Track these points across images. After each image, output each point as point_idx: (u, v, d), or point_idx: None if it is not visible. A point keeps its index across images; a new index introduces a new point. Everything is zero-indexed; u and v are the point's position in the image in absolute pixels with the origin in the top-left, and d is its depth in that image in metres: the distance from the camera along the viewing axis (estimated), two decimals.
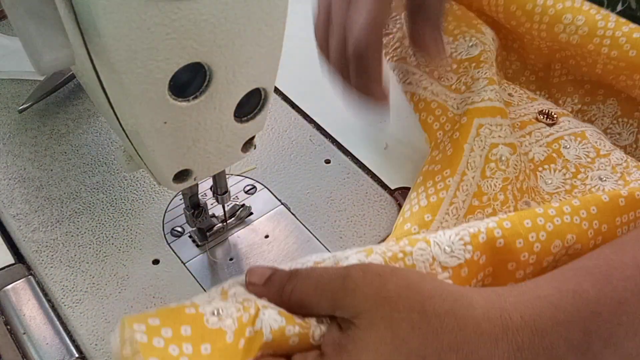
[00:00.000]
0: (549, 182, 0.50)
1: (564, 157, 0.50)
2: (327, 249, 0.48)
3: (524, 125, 0.53)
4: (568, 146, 0.51)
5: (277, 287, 0.35)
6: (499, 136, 0.48)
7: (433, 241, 0.38)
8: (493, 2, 0.56)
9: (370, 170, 0.53)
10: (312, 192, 0.52)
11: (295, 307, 0.34)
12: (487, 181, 0.47)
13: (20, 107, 0.56)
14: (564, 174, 0.50)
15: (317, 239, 0.48)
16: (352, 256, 0.37)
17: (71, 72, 0.58)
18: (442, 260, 0.37)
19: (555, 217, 0.40)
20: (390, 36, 0.58)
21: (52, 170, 0.53)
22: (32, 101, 0.57)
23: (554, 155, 0.50)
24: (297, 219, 0.50)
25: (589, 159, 0.50)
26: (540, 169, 0.50)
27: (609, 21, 0.51)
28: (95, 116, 0.57)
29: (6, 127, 0.56)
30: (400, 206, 0.51)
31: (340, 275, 0.34)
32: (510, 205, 0.46)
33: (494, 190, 0.47)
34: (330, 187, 0.52)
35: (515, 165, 0.48)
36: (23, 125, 0.56)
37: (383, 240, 0.48)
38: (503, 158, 0.48)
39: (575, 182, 0.49)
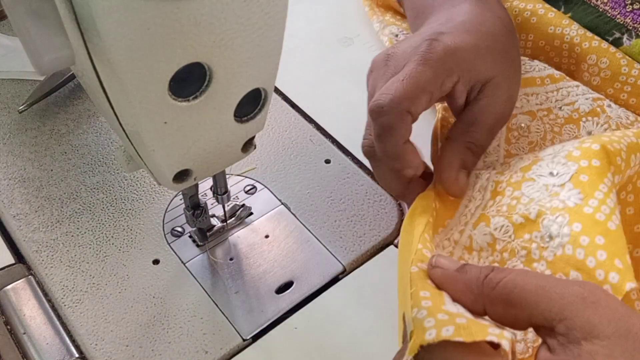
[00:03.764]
0: (591, 132, 0.50)
1: (607, 113, 0.51)
2: (327, 249, 0.48)
3: (573, 77, 0.54)
4: (611, 105, 0.51)
5: (476, 276, 0.31)
6: (516, 107, 0.50)
7: (535, 176, 0.38)
8: (523, 37, 0.57)
9: (370, 170, 0.53)
10: (312, 192, 0.52)
11: (497, 301, 0.30)
12: (513, 145, 0.49)
13: (20, 107, 0.56)
14: (605, 129, 0.50)
15: (317, 239, 0.48)
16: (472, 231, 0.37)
17: (71, 72, 0.58)
18: (554, 182, 0.37)
19: (623, 137, 0.40)
20: None
21: (52, 170, 0.53)
22: (32, 101, 0.57)
23: (598, 109, 0.51)
24: (297, 219, 0.50)
25: (628, 121, 0.51)
26: (584, 119, 0.51)
27: (633, 68, 0.52)
28: (95, 116, 0.57)
29: (6, 127, 0.56)
30: (400, 206, 0.51)
31: (577, 284, 0.29)
32: None
33: (523, 151, 0.49)
34: (330, 187, 0.52)
35: (537, 129, 0.50)
36: (23, 125, 0.56)
37: (385, 240, 0.49)
38: (523, 125, 0.50)
39: None
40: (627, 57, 0.52)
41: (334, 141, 0.56)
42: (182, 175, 0.38)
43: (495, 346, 0.29)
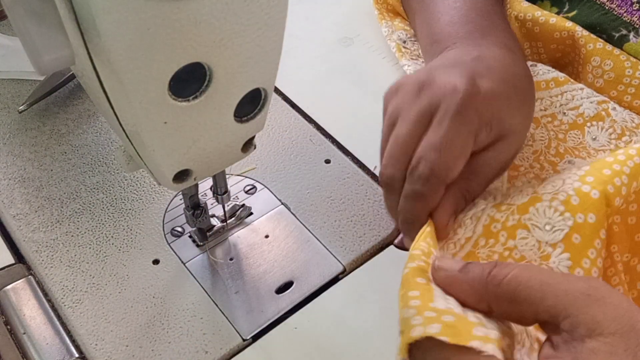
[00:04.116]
0: (595, 138, 0.50)
1: (612, 117, 0.51)
2: (327, 249, 0.48)
3: (578, 78, 0.54)
4: (616, 108, 0.51)
5: (479, 274, 0.31)
6: None
7: (530, 225, 0.38)
8: (533, 45, 0.57)
9: (370, 170, 0.53)
10: (312, 192, 0.52)
11: (502, 297, 0.30)
12: (518, 156, 0.48)
13: (20, 107, 0.56)
14: (610, 134, 0.50)
15: (317, 239, 0.48)
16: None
17: (71, 72, 0.58)
18: (548, 239, 0.37)
19: (627, 161, 0.40)
20: None
21: (52, 170, 0.53)
22: (32, 101, 0.57)
23: (603, 113, 0.51)
24: (297, 219, 0.50)
25: (633, 124, 0.51)
26: (588, 124, 0.51)
27: (637, 70, 0.51)
28: (95, 116, 0.57)
29: (6, 127, 0.56)
30: None
31: (582, 280, 0.29)
32: (549, 170, 0.48)
33: (527, 161, 0.49)
34: (330, 187, 0.52)
35: (542, 136, 0.50)
36: (23, 125, 0.56)
37: (385, 240, 0.49)
38: (527, 134, 0.48)
39: (619, 143, 0.50)
40: (632, 58, 0.52)
41: (334, 141, 0.56)
42: (182, 175, 0.38)
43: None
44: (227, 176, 0.45)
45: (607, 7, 0.53)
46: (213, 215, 0.48)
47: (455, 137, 0.39)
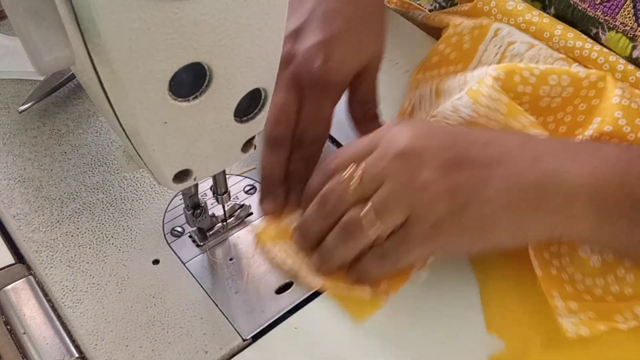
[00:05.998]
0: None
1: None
2: None
3: None
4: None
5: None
6: (517, 36, 0.52)
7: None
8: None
9: None
10: None
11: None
12: None
13: (20, 107, 0.56)
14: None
15: None
16: None
17: (71, 72, 0.58)
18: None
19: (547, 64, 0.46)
20: None
21: (52, 170, 0.53)
22: (32, 101, 0.57)
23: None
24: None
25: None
26: (576, 64, 0.51)
27: (616, 72, 0.50)
28: (95, 116, 0.57)
29: (6, 127, 0.56)
30: None
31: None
32: None
33: None
34: None
35: (531, 57, 0.51)
36: (23, 125, 0.56)
37: None
38: (517, 52, 0.52)
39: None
40: (609, 60, 0.50)
41: (334, 141, 0.56)
42: (182, 175, 0.38)
43: None
44: (227, 176, 0.45)
45: (571, 2, 0.52)
46: (213, 215, 0.48)
47: (322, 108, 0.51)
